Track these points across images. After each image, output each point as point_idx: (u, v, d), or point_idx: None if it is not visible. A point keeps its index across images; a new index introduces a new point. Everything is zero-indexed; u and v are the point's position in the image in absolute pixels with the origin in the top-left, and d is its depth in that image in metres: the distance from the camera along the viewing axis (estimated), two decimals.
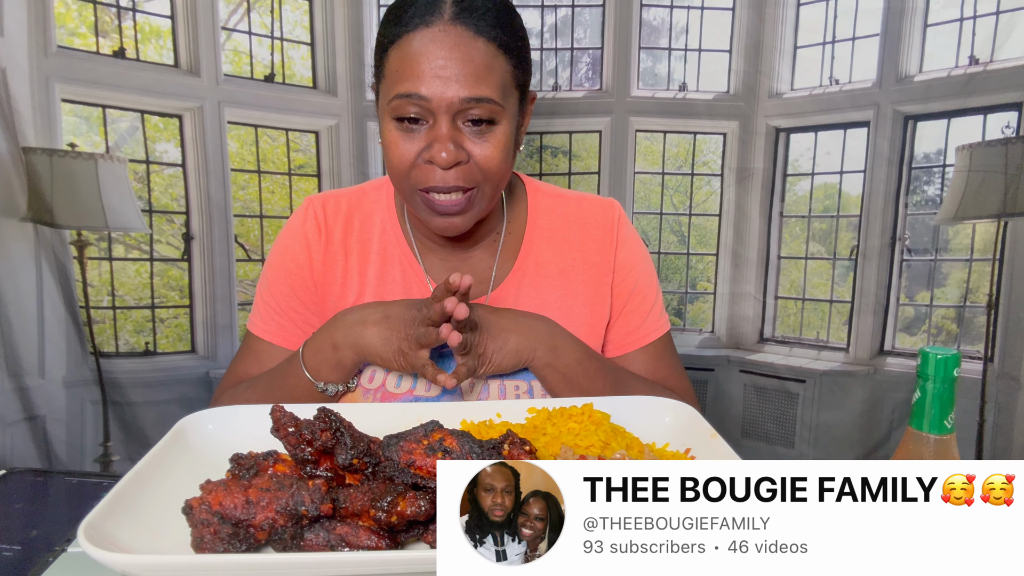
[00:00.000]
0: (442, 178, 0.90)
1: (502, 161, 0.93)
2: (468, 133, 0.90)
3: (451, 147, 0.88)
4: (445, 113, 0.88)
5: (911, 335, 2.77)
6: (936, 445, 0.58)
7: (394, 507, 0.61)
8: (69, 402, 2.38)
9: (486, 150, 0.91)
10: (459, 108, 0.88)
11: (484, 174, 0.92)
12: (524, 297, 1.05)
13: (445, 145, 0.88)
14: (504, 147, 0.92)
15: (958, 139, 2.52)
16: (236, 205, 2.74)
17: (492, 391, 1.00)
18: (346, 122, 2.81)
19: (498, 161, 0.92)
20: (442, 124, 0.88)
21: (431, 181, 0.91)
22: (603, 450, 0.78)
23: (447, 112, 0.88)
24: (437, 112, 0.88)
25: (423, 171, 0.91)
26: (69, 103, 2.38)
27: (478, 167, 0.91)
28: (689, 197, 3.08)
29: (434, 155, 0.89)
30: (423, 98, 0.87)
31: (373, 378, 1.00)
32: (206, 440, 0.80)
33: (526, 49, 0.96)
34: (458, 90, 0.87)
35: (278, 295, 1.06)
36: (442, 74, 0.87)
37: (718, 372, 3.00)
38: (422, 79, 0.87)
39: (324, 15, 2.77)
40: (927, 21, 2.61)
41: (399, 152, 0.91)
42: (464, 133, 0.90)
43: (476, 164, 0.91)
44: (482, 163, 0.91)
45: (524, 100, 0.99)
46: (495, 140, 0.91)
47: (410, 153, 0.91)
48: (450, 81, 0.87)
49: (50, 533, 0.80)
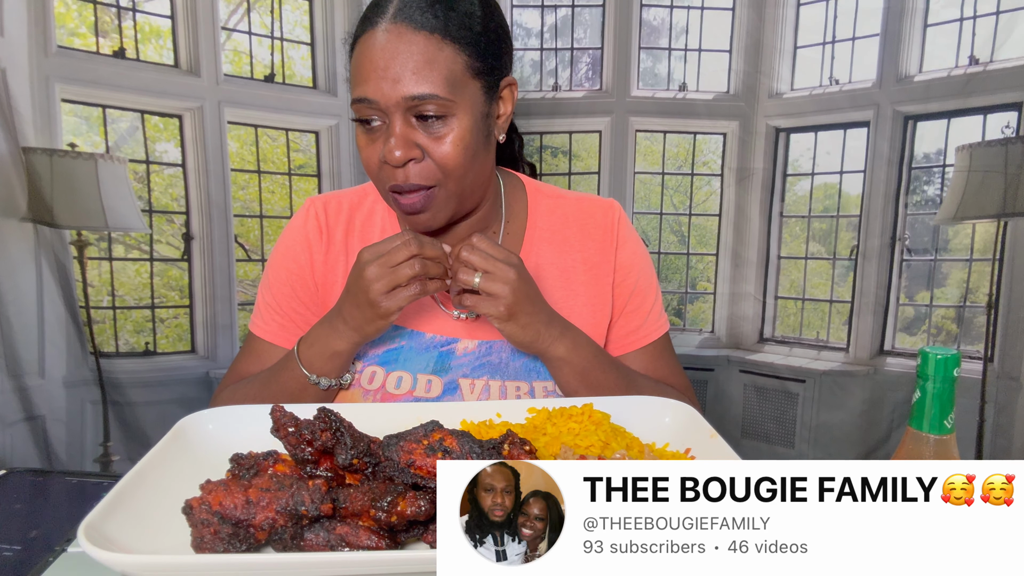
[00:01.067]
0: (403, 176, 0.90)
1: (461, 155, 0.90)
2: (423, 131, 0.89)
3: (399, 145, 0.88)
4: (396, 111, 0.88)
5: (911, 335, 2.77)
6: (936, 445, 0.58)
7: (394, 507, 0.61)
8: (69, 402, 2.39)
9: (441, 146, 0.89)
10: (405, 108, 0.88)
11: (443, 171, 0.91)
12: None
13: (393, 144, 0.88)
14: (462, 141, 0.90)
15: (958, 139, 2.53)
16: (236, 205, 2.74)
17: (493, 392, 1.00)
18: (346, 122, 2.81)
19: (456, 156, 0.90)
20: (395, 123, 0.88)
21: (393, 180, 0.91)
22: (603, 450, 0.78)
23: (397, 110, 0.88)
24: (388, 112, 0.88)
25: (387, 171, 0.91)
26: (69, 103, 2.38)
27: (435, 164, 0.90)
28: (689, 197, 3.08)
29: (386, 155, 0.89)
30: (371, 101, 0.87)
31: (373, 378, 1.00)
32: (206, 440, 0.80)
33: (489, 35, 0.92)
34: (399, 89, 0.86)
35: (279, 296, 1.06)
36: (385, 75, 0.86)
37: (718, 372, 3.00)
38: (368, 82, 0.87)
39: (324, 15, 2.77)
40: (927, 21, 2.61)
41: (366, 155, 0.93)
42: (419, 131, 0.89)
43: (433, 161, 0.90)
44: (439, 160, 0.90)
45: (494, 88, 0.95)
46: (450, 136, 0.89)
47: (375, 155, 0.91)
48: (392, 81, 0.86)
49: (50, 533, 0.80)
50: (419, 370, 1.00)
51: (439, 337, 1.02)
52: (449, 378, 1.00)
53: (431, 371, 1.00)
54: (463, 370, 1.01)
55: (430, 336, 1.02)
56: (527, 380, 1.01)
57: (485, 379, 1.00)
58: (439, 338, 1.02)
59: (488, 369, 1.01)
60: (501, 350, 1.02)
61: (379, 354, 1.01)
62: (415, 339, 1.02)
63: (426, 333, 1.02)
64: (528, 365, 1.02)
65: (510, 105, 0.99)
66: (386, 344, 1.01)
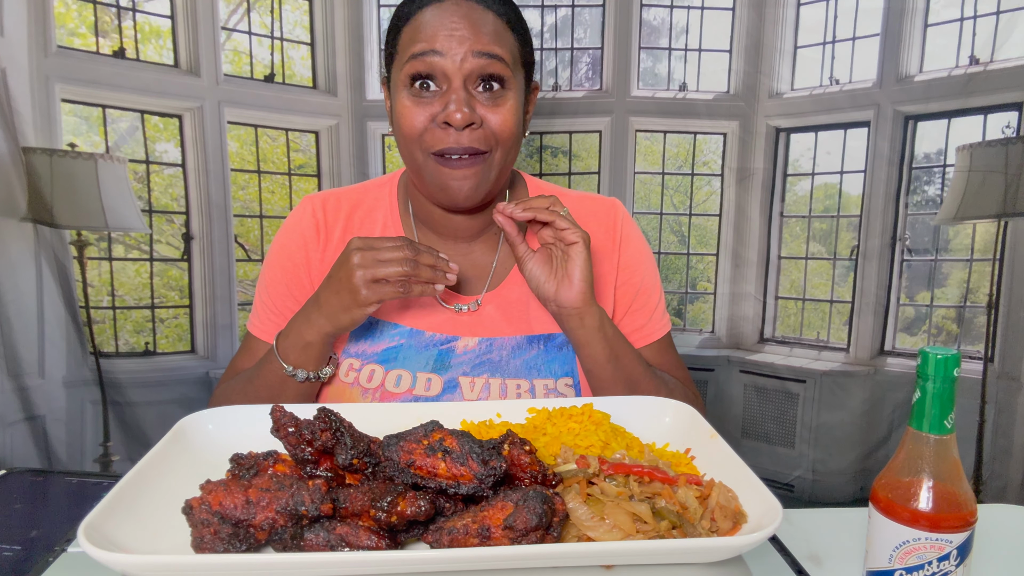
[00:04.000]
0: (456, 139, 0.91)
1: (514, 126, 0.94)
2: (481, 99, 0.92)
3: (465, 108, 0.90)
4: (458, 73, 0.90)
5: (911, 335, 2.77)
6: (936, 445, 0.58)
7: (394, 507, 0.61)
8: (69, 402, 2.38)
9: (499, 114, 0.93)
10: (472, 67, 0.90)
11: (497, 138, 0.94)
12: (526, 293, 1.05)
13: (460, 105, 0.90)
14: (515, 113, 0.94)
15: (958, 139, 2.52)
16: (236, 205, 2.74)
17: (493, 390, 1.00)
18: (346, 122, 2.81)
19: (511, 126, 0.94)
20: (455, 84, 0.91)
21: (444, 143, 0.92)
22: (603, 450, 0.78)
23: (460, 72, 0.90)
24: (451, 73, 0.90)
25: (436, 135, 0.92)
26: (69, 103, 2.38)
27: (492, 131, 0.93)
28: (689, 197, 3.08)
29: (449, 115, 0.90)
30: (437, 52, 0.90)
31: (372, 377, 1.00)
32: (206, 440, 0.80)
33: (529, 36, 1.00)
34: (472, 45, 0.90)
35: (275, 295, 1.06)
36: (456, 33, 0.90)
37: (718, 372, 3.00)
38: (436, 38, 0.90)
39: (324, 15, 2.77)
40: (927, 21, 2.61)
41: (412, 117, 0.93)
42: (477, 99, 0.92)
43: (490, 128, 0.93)
44: (496, 127, 0.93)
45: (529, 84, 1.01)
46: (507, 105, 0.93)
47: (423, 117, 0.92)
48: (464, 39, 0.90)
49: (50, 533, 0.80)
50: (419, 368, 1.00)
51: (439, 335, 1.02)
52: (449, 376, 1.00)
53: (431, 369, 1.00)
54: (463, 368, 1.01)
55: (430, 334, 1.02)
56: (527, 378, 1.01)
57: (485, 377, 1.00)
58: (439, 336, 1.02)
59: (488, 367, 1.01)
60: (502, 348, 1.02)
61: (378, 352, 1.00)
62: (415, 337, 1.01)
63: (426, 331, 1.02)
64: (528, 363, 1.02)
65: (532, 106, 1.04)
66: (385, 342, 1.01)
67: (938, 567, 0.57)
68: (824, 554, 0.73)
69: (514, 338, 1.02)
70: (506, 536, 0.60)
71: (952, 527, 0.57)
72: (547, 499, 0.62)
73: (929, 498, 0.57)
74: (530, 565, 0.63)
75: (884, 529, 0.59)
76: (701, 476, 0.75)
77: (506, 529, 0.60)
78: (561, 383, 1.02)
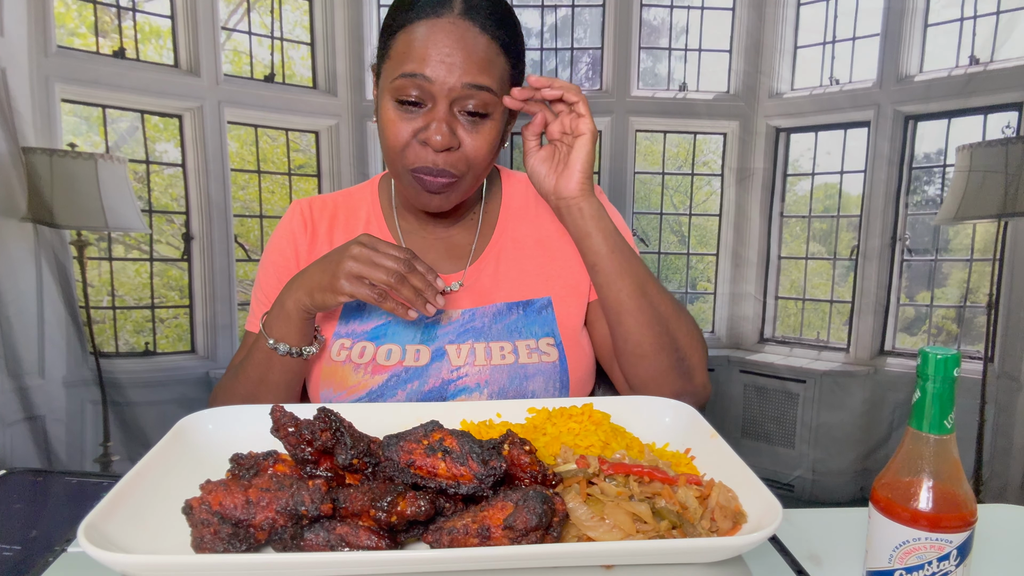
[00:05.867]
0: (432, 160, 0.95)
1: (488, 153, 0.98)
2: (464, 121, 0.95)
3: (446, 130, 0.92)
4: (445, 98, 0.92)
5: (911, 335, 2.77)
6: (936, 445, 0.58)
7: (394, 507, 0.61)
8: (69, 402, 2.38)
9: (477, 141, 0.95)
10: (459, 95, 0.92)
11: (470, 164, 0.97)
12: (503, 266, 1.10)
13: (441, 128, 0.92)
14: (493, 141, 0.97)
15: (958, 139, 2.52)
16: (236, 205, 2.74)
17: (478, 354, 1.03)
18: (346, 122, 2.81)
19: (485, 153, 0.97)
20: (440, 107, 0.93)
21: (422, 161, 0.95)
22: (603, 450, 0.78)
23: (447, 97, 0.92)
24: (437, 96, 0.92)
25: (416, 151, 0.95)
26: (69, 103, 2.38)
27: (466, 156, 0.96)
28: (689, 197, 3.08)
29: (429, 136, 0.93)
30: (427, 79, 0.91)
31: (364, 352, 1.03)
32: (206, 440, 0.80)
33: (523, 54, 1.02)
34: (461, 76, 0.91)
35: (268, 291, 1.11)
36: (447, 60, 0.91)
37: (718, 372, 3.00)
38: (427, 62, 0.91)
39: (324, 15, 2.77)
40: (927, 21, 2.61)
41: (396, 130, 0.95)
42: (459, 121, 0.95)
43: (465, 153, 0.96)
44: (471, 153, 0.96)
45: None
46: (487, 133, 0.96)
47: (406, 132, 0.95)
48: (454, 67, 0.91)
49: (50, 533, 0.80)
50: (407, 341, 1.05)
51: None
52: (436, 346, 1.05)
53: (419, 341, 1.05)
54: (449, 337, 1.06)
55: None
56: (510, 340, 1.06)
57: (470, 343, 1.05)
58: None
59: (472, 334, 1.06)
60: (484, 315, 1.07)
61: (368, 331, 1.06)
62: None
63: None
64: (510, 327, 1.07)
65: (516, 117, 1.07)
66: (375, 321, 1.06)
67: (938, 567, 0.57)
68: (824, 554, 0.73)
69: (494, 305, 1.08)
70: (506, 536, 0.60)
71: (952, 527, 0.57)
72: (547, 499, 0.62)
73: (929, 498, 0.57)
74: (530, 565, 0.63)
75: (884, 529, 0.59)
76: (701, 476, 0.75)
77: (506, 529, 0.60)
78: (543, 342, 1.06)
